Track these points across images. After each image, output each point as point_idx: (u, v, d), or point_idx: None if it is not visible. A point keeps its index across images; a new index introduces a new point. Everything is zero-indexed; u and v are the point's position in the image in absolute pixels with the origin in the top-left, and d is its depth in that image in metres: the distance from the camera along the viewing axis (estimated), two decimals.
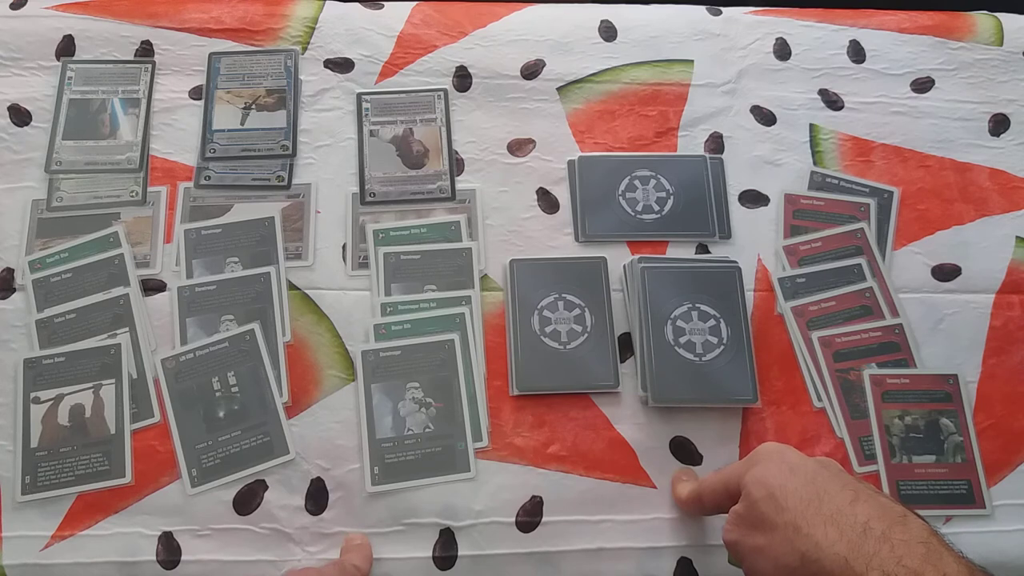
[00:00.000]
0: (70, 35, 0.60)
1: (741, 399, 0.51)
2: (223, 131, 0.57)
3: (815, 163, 0.60)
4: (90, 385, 0.50)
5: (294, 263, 0.54)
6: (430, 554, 0.47)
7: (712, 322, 0.52)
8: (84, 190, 0.55)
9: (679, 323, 0.52)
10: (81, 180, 0.55)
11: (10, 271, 0.53)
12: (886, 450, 0.51)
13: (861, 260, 0.56)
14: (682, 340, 0.51)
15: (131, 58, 0.59)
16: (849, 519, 0.36)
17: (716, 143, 0.60)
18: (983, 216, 0.58)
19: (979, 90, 0.63)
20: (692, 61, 0.62)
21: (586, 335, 0.53)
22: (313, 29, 0.61)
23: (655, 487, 0.49)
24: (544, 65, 0.61)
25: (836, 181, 0.59)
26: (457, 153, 0.58)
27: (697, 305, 0.52)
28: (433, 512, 0.48)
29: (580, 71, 0.61)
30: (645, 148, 0.59)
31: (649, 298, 0.52)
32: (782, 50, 0.63)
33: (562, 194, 0.57)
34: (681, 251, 0.56)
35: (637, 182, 0.58)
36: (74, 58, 0.59)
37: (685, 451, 0.50)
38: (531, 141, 0.59)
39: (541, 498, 0.49)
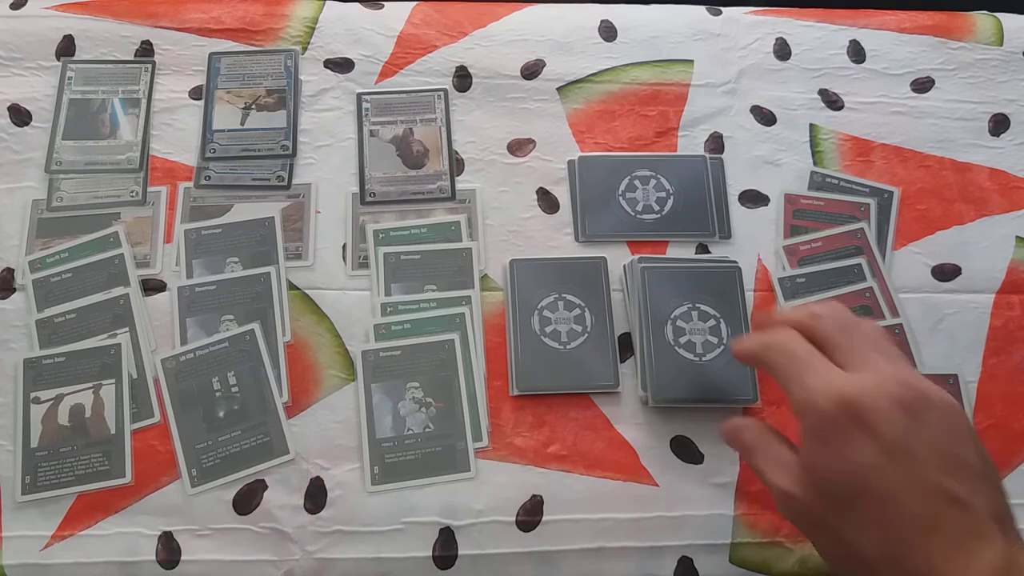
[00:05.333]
0: (70, 35, 0.60)
1: (741, 399, 0.51)
2: (223, 131, 0.57)
3: (815, 163, 0.60)
4: (90, 385, 0.50)
5: (294, 263, 0.54)
6: (430, 553, 0.47)
7: (712, 322, 0.52)
8: (84, 190, 0.55)
9: (679, 323, 0.52)
10: (81, 180, 0.55)
11: (10, 271, 0.53)
12: None
13: (861, 260, 0.56)
14: (682, 340, 0.51)
15: (131, 58, 0.59)
16: None
17: (716, 143, 0.60)
18: (983, 216, 0.58)
19: (979, 90, 0.63)
20: (692, 61, 0.62)
21: (586, 335, 0.53)
22: (313, 29, 0.61)
23: (656, 484, 0.49)
24: (544, 65, 0.61)
25: (836, 181, 0.59)
26: (457, 153, 0.58)
27: (697, 305, 0.52)
28: (433, 511, 0.48)
29: (580, 71, 0.61)
30: (645, 148, 0.59)
31: (649, 298, 0.52)
32: (782, 50, 0.63)
33: (562, 194, 0.57)
34: (681, 251, 0.56)
35: (637, 182, 0.58)
36: (74, 58, 0.59)
37: (686, 450, 0.50)
38: (531, 141, 0.59)
39: (541, 497, 0.49)
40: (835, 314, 0.40)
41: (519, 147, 0.59)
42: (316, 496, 0.48)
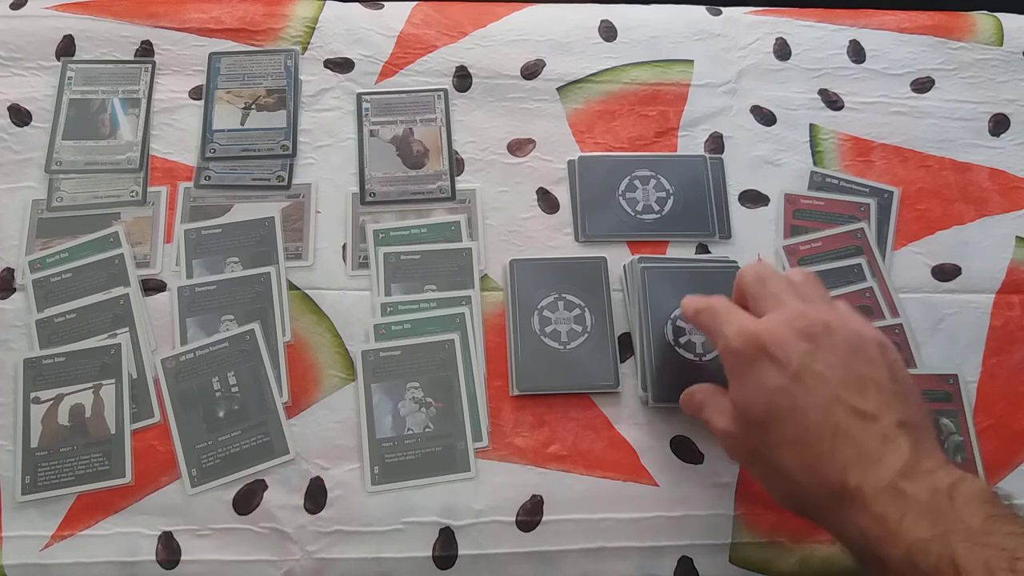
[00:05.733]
0: (70, 35, 0.60)
1: None
2: (223, 131, 0.57)
3: (815, 163, 0.60)
4: (90, 385, 0.50)
5: (294, 263, 0.54)
6: (430, 553, 0.47)
7: None
8: (84, 190, 0.55)
9: (679, 323, 0.52)
10: (81, 180, 0.55)
11: (10, 271, 0.53)
12: None
13: (861, 260, 0.56)
14: (682, 340, 0.51)
15: (131, 58, 0.59)
16: None
17: (716, 143, 0.60)
18: (983, 216, 0.58)
19: (979, 90, 0.63)
20: (692, 61, 0.62)
21: (586, 335, 0.53)
22: (313, 29, 0.61)
23: (656, 484, 0.49)
24: (544, 65, 0.61)
25: (836, 181, 0.59)
26: (457, 153, 0.58)
27: None
28: (433, 511, 0.48)
29: (580, 71, 0.61)
30: (645, 148, 0.59)
31: (649, 298, 0.52)
32: (782, 50, 0.63)
33: (562, 194, 0.57)
34: (681, 251, 0.56)
35: (637, 182, 0.58)
36: (74, 58, 0.59)
37: (687, 450, 0.50)
38: (531, 141, 0.59)
39: (541, 497, 0.49)
40: (755, 268, 0.44)
41: (519, 147, 0.59)
42: (316, 496, 0.48)
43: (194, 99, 0.59)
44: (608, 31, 0.63)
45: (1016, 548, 0.32)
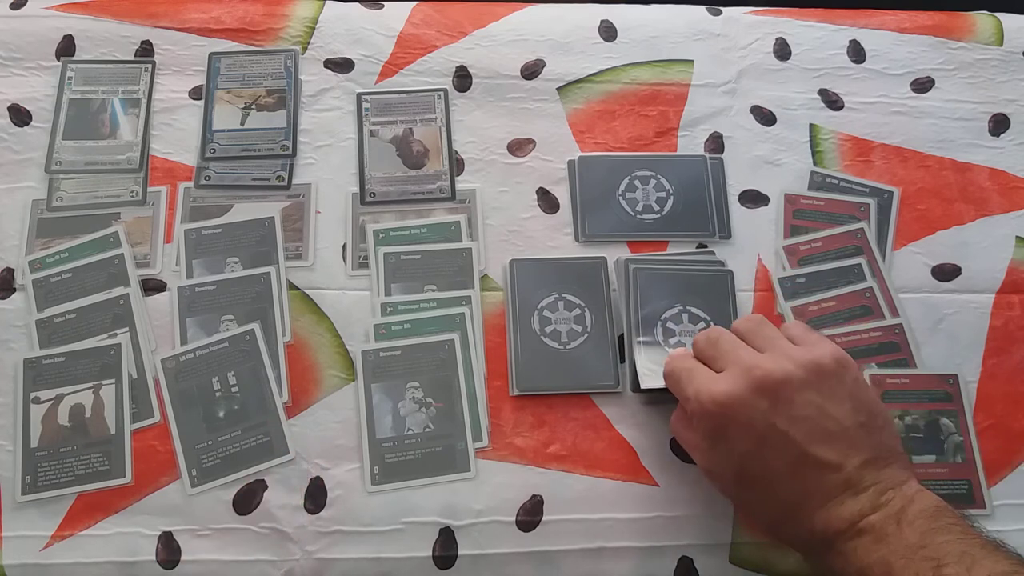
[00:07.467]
0: (70, 35, 0.60)
1: None
2: (223, 131, 0.57)
3: (815, 163, 0.60)
4: (90, 385, 0.50)
5: (294, 263, 0.54)
6: (430, 553, 0.47)
7: (702, 324, 0.52)
8: (84, 190, 0.55)
9: (669, 324, 0.52)
10: (81, 180, 0.55)
11: (10, 271, 0.53)
12: None
13: (861, 260, 0.56)
14: (672, 341, 0.51)
15: (131, 58, 0.59)
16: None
17: (716, 143, 0.60)
18: (983, 216, 0.58)
19: (979, 90, 0.63)
20: (692, 61, 0.62)
21: (586, 335, 0.53)
22: (313, 29, 0.61)
23: (657, 484, 0.49)
24: (544, 65, 0.61)
25: (836, 181, 0.59)
26: (457, 153, 0.58)
27: (688, 308, 0.52)
28: (433, 511, 0.48)
29: (580, 71, 0.61)
30: (645, 148, 0.59)
31: (640, 299, 0.52)
32: (782, 50, 0.63)
33: (562, 194, 0.57)
34: (681, 251, 0.56)
35: (637, 182, 0.58)
36: (74, 58, 0.59)
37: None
38: (531, 141, 0.59)
39: (541, 497, 0.49)
40: (704, 333, 0.45)
41: (519, 147, 0.59)
42: (316, 496, 0.48)
43: (194, 99, 0.59)
44: (608, 31, 0.63)
45: (943, 556, 0.36)
